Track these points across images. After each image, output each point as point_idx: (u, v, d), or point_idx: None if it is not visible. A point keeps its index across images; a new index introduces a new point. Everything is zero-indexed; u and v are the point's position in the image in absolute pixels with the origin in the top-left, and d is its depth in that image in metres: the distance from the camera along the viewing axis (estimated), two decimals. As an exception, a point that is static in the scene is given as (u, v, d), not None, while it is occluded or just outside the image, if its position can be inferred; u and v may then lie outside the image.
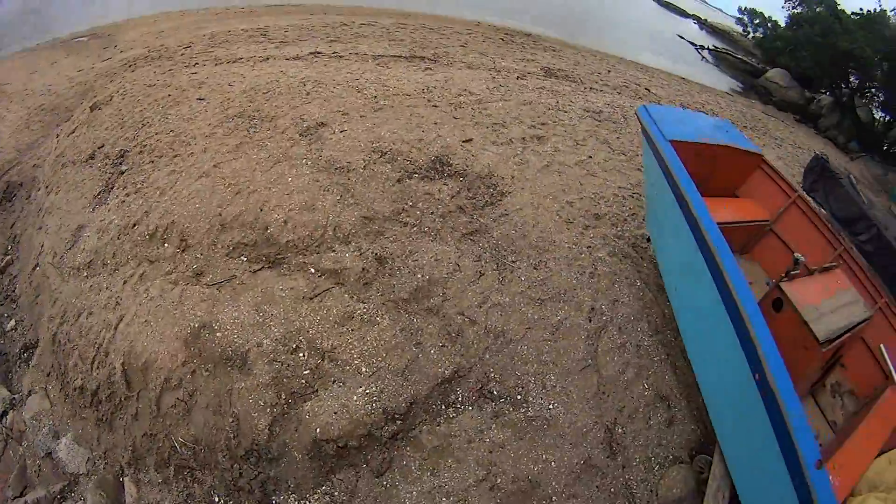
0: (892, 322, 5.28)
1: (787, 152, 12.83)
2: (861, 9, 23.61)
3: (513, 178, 5.01)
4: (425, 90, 6.42)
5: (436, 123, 5.50)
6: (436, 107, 5.97)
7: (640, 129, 4.76)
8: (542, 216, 4.69)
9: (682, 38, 31.04)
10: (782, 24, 25.13)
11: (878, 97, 25.44)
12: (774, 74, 24.54)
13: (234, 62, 7.09)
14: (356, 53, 7.77)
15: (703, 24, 51.14)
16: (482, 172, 4.90)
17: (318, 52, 7.56)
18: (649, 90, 11.28)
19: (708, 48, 29.23)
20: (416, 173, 4.62)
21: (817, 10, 23.10)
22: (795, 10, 24.45)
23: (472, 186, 4.74)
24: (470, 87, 6.91)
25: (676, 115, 5.15)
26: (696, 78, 20.09)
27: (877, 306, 5.28)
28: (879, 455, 4.08)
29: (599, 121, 7.34)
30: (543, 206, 4.85)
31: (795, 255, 4.24)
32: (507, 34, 12.54)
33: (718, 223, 4.17)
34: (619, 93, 9.82)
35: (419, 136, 5.13)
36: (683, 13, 57.67)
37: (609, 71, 11.78)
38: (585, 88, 9.01)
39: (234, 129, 5.11)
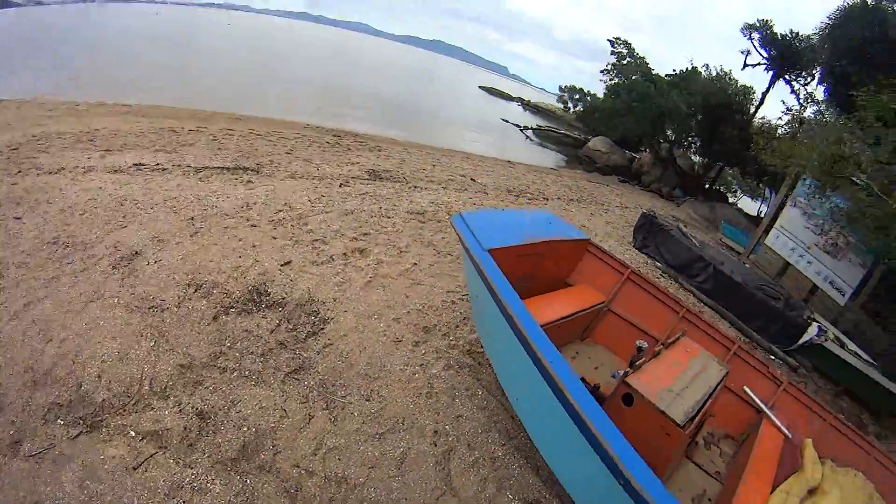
0: (750, 361, 5.42)
1: (616, 215, 14.05)
2: (674, 69, 26.84)
3: (334, 300, 5.05)
4: (245, 207, 6.52)
5: (254, 246, 5.61)
6: (255, 226, 6.08)
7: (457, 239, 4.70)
8: (369, 339, 4.67)
9: (506, 121, 33.68)
10: (601, 95, 27.82)
11: (695, 144, 28.95)
12: (596, 143, 27.02)
13: (56, 172, 6.63)
14: (180, 165, 7.64)
15: (525, 105, 56.23)
16: (302, 299, 4.93)
17: (142, 164, 7.35)
18: (475, 180, 12.06)
19: (532, 128, 31.74)
20: (232, 308, 4.57)
21: (633, 77, 25.87)
22: (612, 82, 27.29)
23: (293, 317, 4.70)
24: (291, 201, 7.12)
25: (494, 219, 4.91)
26: (522, 158, 21.58)
27: (731, 352, 5.39)
28: (773, 491, 4.23)
29: (423, 222, 7.84)
30: (369, 327, 4.83)
31: (637, 342, 4.30)
32: (335, 135, 12.95)
33: (553, 320, 4.41)
34: (445, 188, 10.46)
35: (236, 264, 5.20)
36: (508, 97, 63.40)
37: (434, 165, 12.40)
38: (410, 188, 9.54)
39: (49, 259, 4.78)
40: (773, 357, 8.86)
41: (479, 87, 69.92)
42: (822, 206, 11.66)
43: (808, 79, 27.55)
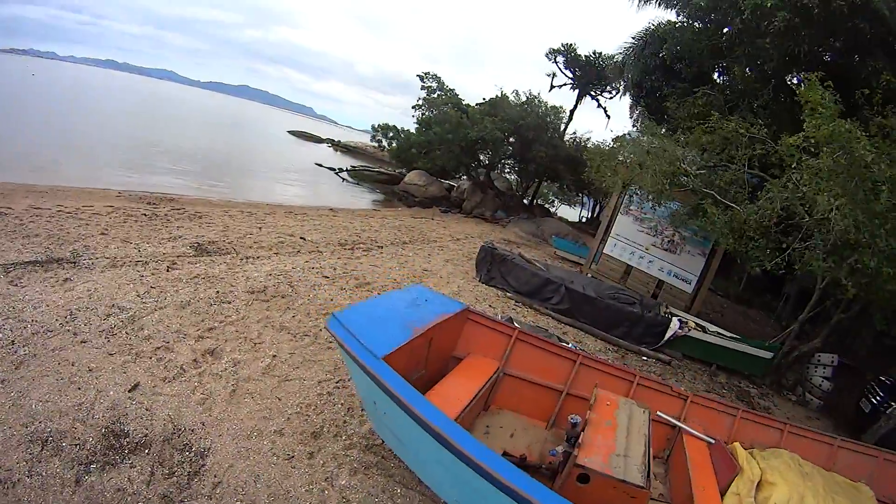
0: (653, 386, 5.73)
1: (451, 251, 14.44)
2: (483, 97, 28.21)
3: (203, 425, 4.57)
4: (68, 318, 5.70)
5: (90, 370, 4.97)
6: (84, 342, 5.35)
7: (337, 346, 4.41)
8: (259, 465, 4.26)
9: (319, 165, 33.81)
10: (412, 129, 28.34)
11: (511, 167, 31.00)
12: (412, 177, 27.67)
13: None
14: None
15: (336, 146, 56.80)
16: (166, 432, 4.39)
17: None
18: (304, 238, 11.85)
19: (346, 169, 32.02)
20: (92, 462, 3.93)
21: (444, 108, 26.56)
22: (424, 115, 27.91)
23: (164, 457, 4.11)
24: (118, 299, 6.41)
25: (371, 313, 4.56)
26: (343, 203, 21.86)
27: (634, 384, 5.64)
28: (723, 497, 4.52)
29: (267, 300, 7.57)
30: (254, 450, 4.40)
31: (570, 417, 4.29)
32: (150, 204, 12.03)
33: (463, 408, 4.35)
34: (277, 252, 10.17)
35: (77, 399, 4.55)
36: (317, 139, 63.39)
37: (260, 227, 11.95)
38: (242, 259, 9.15)
39: None
40: (645, 357, 9.57)
41: (288, 131, 68.95)
42: (653, 212, 13.10)
43: (613, 93, 30.94)
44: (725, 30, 14.72)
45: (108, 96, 59.80)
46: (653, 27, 18.80)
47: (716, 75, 17.40)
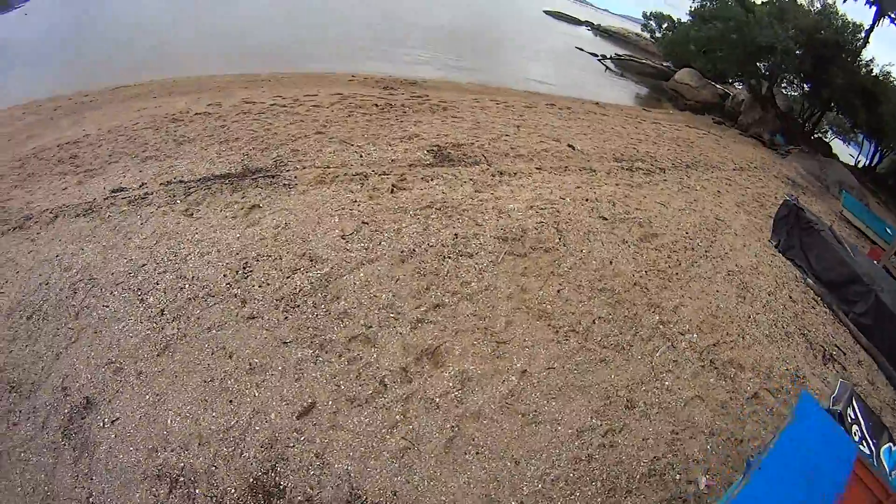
0: None
1: (741, 190, 11.51)
2: None
3: (396, 497, 3.07)
4: (239, 273, 4.22)
5: (252, 370, 3.47)
6: (252, 319, 3.84)
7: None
8: None
9: (581, 49, 30.62)
10: (683, 20, 24.49)
11: (800, 86, 25.40)
12: (683, 75, 24.05)
13: (19, 228, 4.98)
14: (168, 184, 5.52)
15: (596, 29, 51.63)
16: (338, 498, 2.96)
17: (122, 189, 5.44)
18: (573, 147, 9.42)
19: (610, 57, 28.66)
20: None
21: (728, 2, 22.28)
22: (704, 5, 23.68)
23: None
24: (313, 243, 4.70)
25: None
26: (608, 96, 19.12)
27: None
28: None
29: (524, 254, 5.31)
30: None
31: None
32: (386, 88, 10.34)
33: None
34: (539, 168, 7.79)
35: (227, 421, 3.17)
36: (576, 21, 58.20)
37: (518, 126, 9.65)
38: (494, 176, 6.95)
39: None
40: None
41: (544, 10, 64.17)
42: None
43: None
44: None
45: None
46: None
47: None
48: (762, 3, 23.23)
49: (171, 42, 12.99)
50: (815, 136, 27.78)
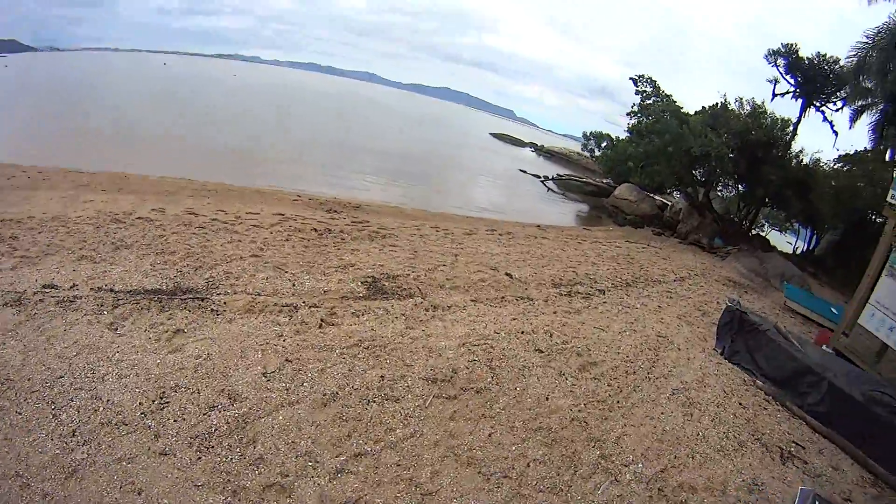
0: None
1: (682, 300, 11.57)
2: (703, 106, 24.59)
3: None
4: (156, 402, 3.99)
5: None
6: (164, 455, 3.57)
7: None
8: None
9: (524, 171, 32.10)
10: (622, 137, 25.46)
11: (735, 188, 26.76)
12: (623, 191, 24.69)
13: None
14: (99, 290, 5.52)
15: (538, 150, 55.13)
16: None
17: (53, 286, 5.09)
18: (511, 275, 9.30)
19: (551, 178, 29.85)
20: None
21: (664, 116, 23.30)
22: (637, 122, 24.81)
23: None
24: (234, 379, 4.45)
25: None
26: (549, 217, 19.99)
27: None
28: None
29: (455, 396, 5.05)
30: None
31: None
32: (328, 211, 10.46)
33: None
34: (475, 299, 7.64)
35: None
36: (519, 142, 62.54)
37: (456, 255, 9.57)
38: (427, 310, 6.72)
39: None
40: None
41: (490, 133, 68.39)
42: None
43: (840, 104, 25.55)
44: None
45: (310, 96, 63.93)
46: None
47: None
48: (695, 112, 24.45)
49: (137, 134, 13.23)
50: (753, 232, 28.67)
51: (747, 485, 5.13)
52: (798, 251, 32.91)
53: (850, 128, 21.37)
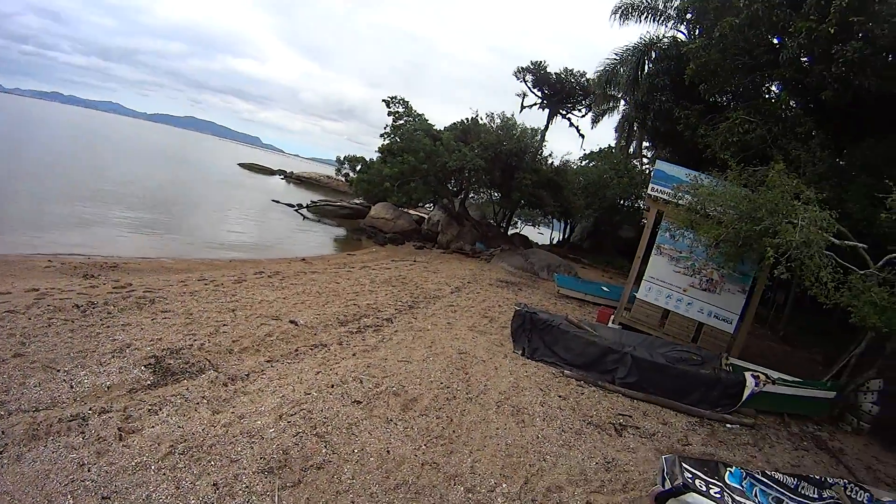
0: None
1: (465, 311, 11.97)
2: (455, 122, 26.60)
3: None
4: None
5: None
6: None
7: None
8: None
9: (277, 202, 31.72)
10: (374, 158, 25.93)
11: (490, 195, 30.01)
12: (379, 210, 25.37)
13: None
14: None
15: (288, 178, 55.72)
16: None
17: None
18: (295, 322, 8.70)
19: (306, 206, 30.00)
20: None
21: (416, 135, 23.96)
22: (393, 142, 25.32)
23: None
24: None
25: None
26: (310, 247, 20.20)
27: None
28: None
29: (298, 482, 4.38)
30: None
31: None
32: (86, 276, 9.08)
33: None
34: (272, 360, 6.92)
35: None
36: (269, 171, 62.80)
37: (234, 310, 8.71)
38: (227, 383, 5.89)
39: None
40: (729, 425, 8.08)
41: (239, 164, 65.44)
42: (689, 250, 11.60)
43: (584, 111, 30.92)
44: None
45: (50, 128, 57.51)
46: (664, 44, 18.54)
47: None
48: (445, 128, 25.87)
49: None
50: (511, 232, 31.75)
51: (602, 465, 5.53)
52: (555, 241, 37.82)
53: (591, 128, 25.34)
